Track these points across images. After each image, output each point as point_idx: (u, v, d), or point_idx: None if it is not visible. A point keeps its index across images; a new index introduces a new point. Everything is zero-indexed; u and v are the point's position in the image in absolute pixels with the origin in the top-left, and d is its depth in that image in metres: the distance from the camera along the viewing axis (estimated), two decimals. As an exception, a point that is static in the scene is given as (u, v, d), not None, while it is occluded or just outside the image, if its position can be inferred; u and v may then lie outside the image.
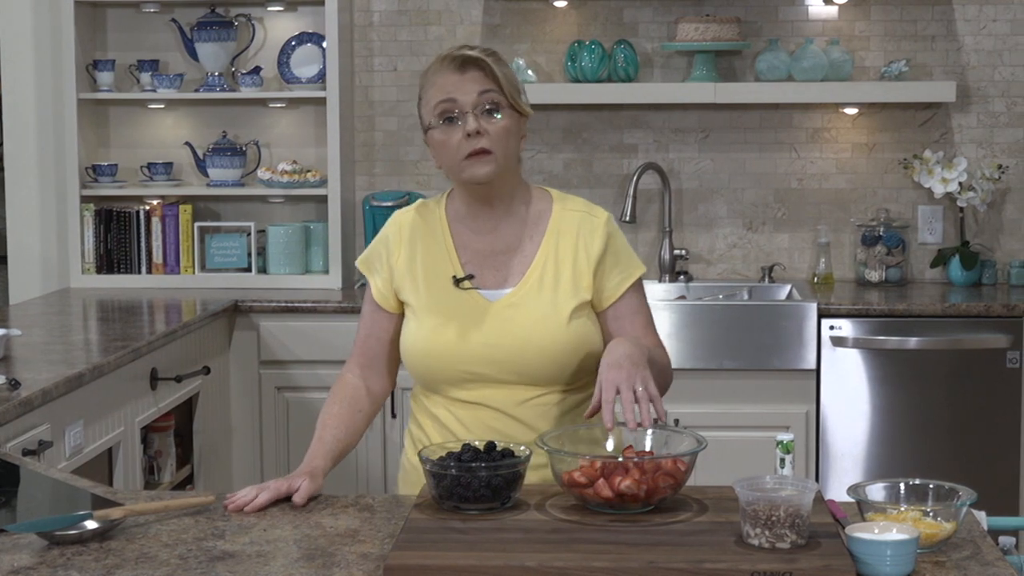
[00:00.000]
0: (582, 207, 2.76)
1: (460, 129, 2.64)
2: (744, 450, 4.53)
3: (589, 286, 2.70)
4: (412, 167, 5.40)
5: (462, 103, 2.63)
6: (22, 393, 3.24)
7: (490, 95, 2.64)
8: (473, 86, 2.63)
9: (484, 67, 2.64)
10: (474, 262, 2.72)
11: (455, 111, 2.64)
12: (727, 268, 5.36)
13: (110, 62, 5.25)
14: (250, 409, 4.88)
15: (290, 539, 2.30)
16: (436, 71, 2.67)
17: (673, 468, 2.34)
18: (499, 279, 2.71)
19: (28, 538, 2.28)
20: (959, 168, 5.11)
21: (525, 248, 2.72)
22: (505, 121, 2.65)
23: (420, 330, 2.68)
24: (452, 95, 2.64)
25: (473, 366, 2.64)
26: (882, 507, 2.24)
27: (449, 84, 2.64)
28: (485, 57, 2.65)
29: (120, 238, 5.24)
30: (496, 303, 2.67)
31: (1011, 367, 4.67)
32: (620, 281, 2.72)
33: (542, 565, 2.08)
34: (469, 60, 2.64)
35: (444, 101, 2.64)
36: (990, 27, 5.22)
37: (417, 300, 2.70)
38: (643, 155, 5.33)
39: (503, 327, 2.65)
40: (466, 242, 2.73)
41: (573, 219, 2.73)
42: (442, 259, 2.72)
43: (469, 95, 2.63)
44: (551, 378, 2.66)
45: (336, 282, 5.16)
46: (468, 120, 2.63)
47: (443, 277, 2.70)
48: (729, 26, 5.12)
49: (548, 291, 2.68)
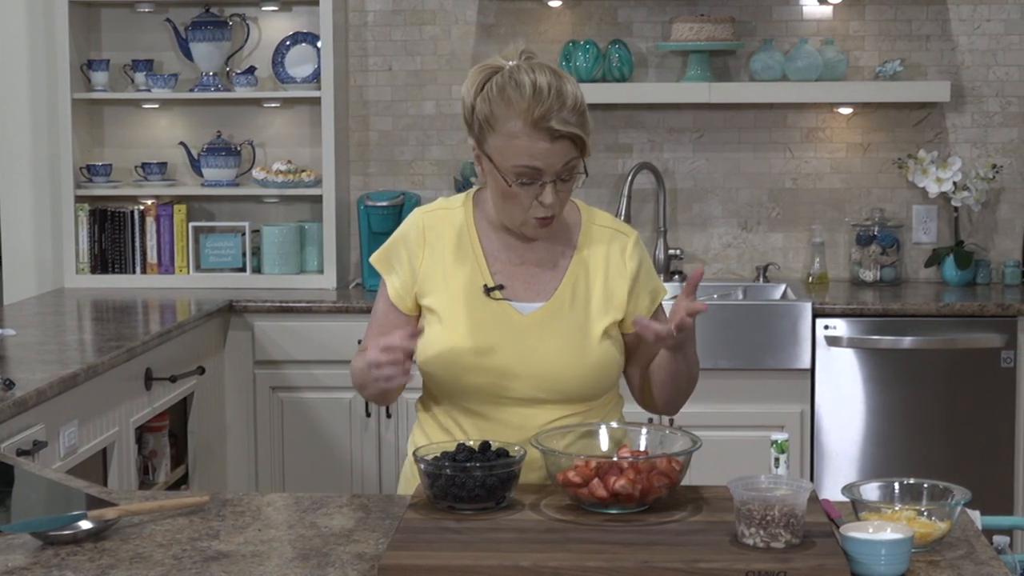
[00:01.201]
0: (611, 223, 2.72)
1: (534, 191, 2.55)
2: (739, 450, 4.54)
3: (622, 305, 2.66)
4: (407, 167, 5.40)
5: (545, 172, 2.52)
6: (16, 393, 3.23)
7: (573, 163, 2.55)
8: (561, 158, 2.52)
9: (576, 139, 2.52)
10: (504, 272, 2.65)
11: (535, 178, 2.54)
12: (722, 268, 5.37)
13: (104, 62, 5.25)
14: (245, 409, 4.88)
15: (285, 539, 2.30)
16: (526, 132, 2.51)
17: (668, 468, 2.34)
18: (531, 292, 2.64)
19: (22, 538, 2.28)
20: (953, 168, 5.12)
21: (556, 262, 2.67)
22: (574, 182, 2.59)
23: (446, 337, 2.61)
24: (537, 165, 2.52)
25: (499, 378, 2.58)
26: (876, 506, 2.24)
27: (537, 153, 2.51)
28: (580, 131, 2.52)
29: (114, 238, 5.24)
30: (528, 316, 2.62)
31: (1005, 367, 4.67)
32: (651, 302, 2.70)
33: (536, 565, 2.08)
34: (565, 135, 2.50)
35: (527, 167, 2.52)
36: (984, 27, 5.23)
37: (443, 306, 2.63)
38: (638, 155, 5.33)
39: (535, 342, 2.59)
40: (496, 251, 2.67)
41: (603, 235, 2.69)
42: (470, 266, 2.64)
43: (554, 166, 2.52)
44: (576, 396, 2.62)
45: (331, 282, 5.16)
46: (547, 193, 2.54)
47: (472, 285, 2.63)
48: (723, 26, 5.12)
49: (580, 308, 2.63)
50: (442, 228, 2.68)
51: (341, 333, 4.69)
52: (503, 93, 2.52)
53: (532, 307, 2.63)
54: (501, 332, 2.60)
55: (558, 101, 2.50)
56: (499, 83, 2.53)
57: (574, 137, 2.52)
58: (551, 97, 2.49)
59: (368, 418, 4.82)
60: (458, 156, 5.36)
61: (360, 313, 4.72)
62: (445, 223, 2.68)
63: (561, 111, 2.50)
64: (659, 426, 2.57)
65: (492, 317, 2.61)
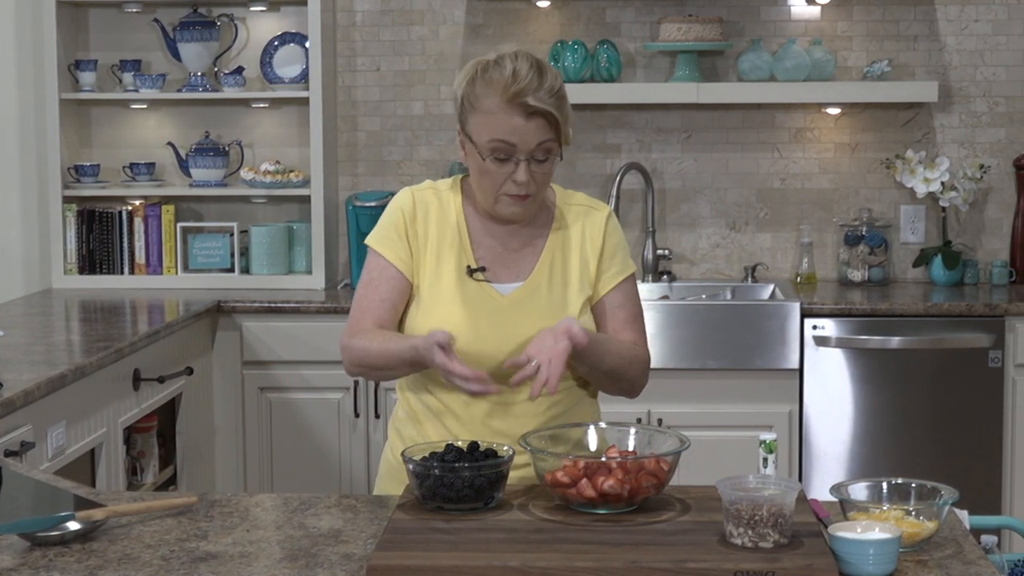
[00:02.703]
0: (584, 201, 2.80)
1: (509, 169, 2.62)
2: (727, 450, 4.54)
3: (593, 277, 2.73)
4: (395, 167, 5.40)
5: (519, 148, 2.61)
6: (4, 394, 3.23)
7: (548, 144, 2.63)
8: (535, 136, 2.60)
9: (550, 118, 2.61)
10: (487, 256, 2.72)
11: (510, 154, 2.61)
12: (710, 268, 5.37)
13: (92, 62, 5.24)
14: (233, 409, 4.88)
15: (273, 540, 2.30)
16: (502, 108, 2.60)
17: (656, 468, 2.34)
18: (511, 274, 2.72)
19: (10, 539, 2.27)
20: (941, 168, 5.13)
21: (534, 243, 2.74)
22: (551, 165, 2.65)
23: (430, 316, 2.67)
24: (511, 140, 2.60)
25: (481, 358, 2.62)
26: (864, 506, 2.25)
27: (512, 128, 2.60)
28: (554, 111, 2.60)
29: (102, 238, 5.23)
30: (507, 296, 2.68)
31: (993, 366, 4.68)
32: (613, 275, 2.75)
33: (525, 565, 2.08)
34: (539, 112, 2.59)
35: (501, 142, 2.60)
36: (972, 27, 5.24)
37: (427, 286, 2.70)
38: (626, 155, 5.33)
39: (514, 321, 2.64)
40: (480, 235, 2.74)
41: (577, 213, 2.77)
42: (455, 248, 2.71)
43: (528, 143, 2.60)
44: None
45: (319, 282, 5.15)
46: (520, 170, 2.61)
47: (455, 264, 2.70)
48: (712, 26, 5.12)
49: (558, 286, 2.70)
50: (432, 206, 2.75)
51: (329, 333, 4.69)
52: (486, 74, 2.63)
53: (511, 287, 2.70)
54: (482, 312, 2.66)
55: (536, 82, 2.60)
56: (484, 67, 2.65)
57: (548, 116, 2.60)
58: (528, 77, 2.60)
59: (357, 419, 4.82)
60: (446, 156, 5.36)
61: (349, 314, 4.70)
62: (435, 202, 2.75)
63: (538, 91, 2.59)
64: (647, 426, 2.57)
65: (474, 298, 2.68)
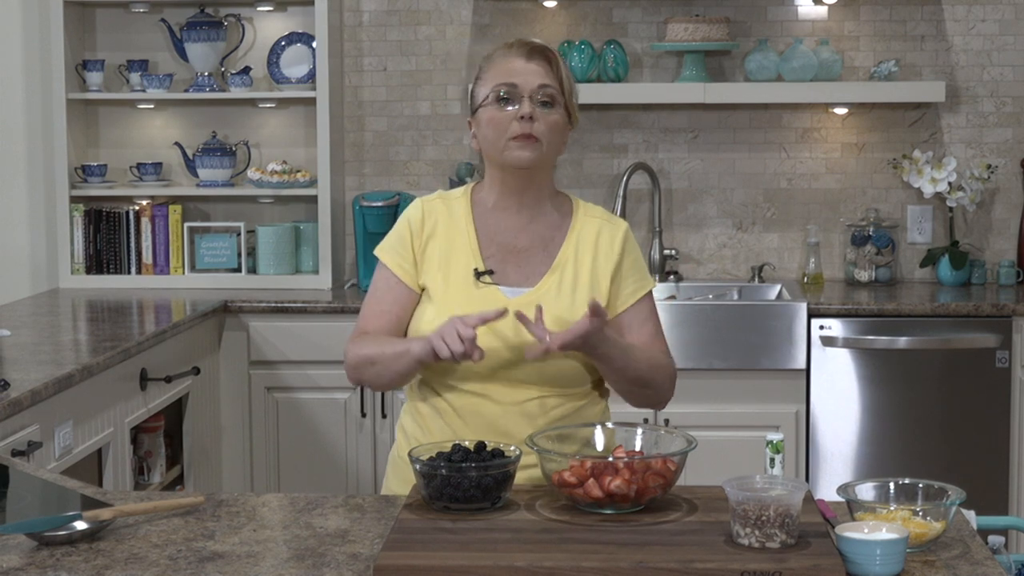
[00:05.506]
0: (602, 215, 2.83)
1: (513, 111, 2.69)
2: (734, 450, 4.54)
3: (606, 293, 2.73)
4: (402, 167, 5.40)
5: (521, 88, 2.69)
6: (11, 394, 3.23)
7: (549, 89, 2.71)
8: (536, 76, 2.70)
9: (551, 60, 2.72)
10: (496, 257, 2.74)
11: (513, 94, 2.69)
12: (717, 268, 5.37)
13: (99, 62, 5.24)
14: (240, 409, 4.88)
15: (280, 539, 2.30)
16: (503, 55, 2.74)
17: (663, 468, 2.34)
18: (519, 277, 2.73)
19: (17, 539, 2.27)
20: (948, 168, 5.12)
21: (547, 249, 2.76)
22: (557, 116, 2.72)
23: (437, 319, 2.67)
24: (513, 80, 2.70)
25: (485, 361, 2.62)
26: (871, 506, 2.24)
27: (513, 68, 2.71)
28: (552, 51, 2.73)
29: (109, 238, 5.24)
30: (514, 300, 2.68)
31: (1000, 367, 4.68)
32: (634, 290, 2.77)
33: (532, 565, 2.08)
34: (537, 50, 2.71)
35: (504, 84, 2.70)
36: (979, 27, 5.23)
37: (436, 288, 2.72)
38: (633, 155, 5.33)
39: (519, 325, 2.63)
40: (490, 236, 2.76)
41: (593, 225, 2.79)
42: (464, 251, 2.74)
43: (530, 83, 2.70)
44: (557, 381, 2.68)
45: (326, 282, 5.16)
46: (524, 104, 2.69)
47: (464, 269, 2.72)
48: (718, 26, 5.12)
49: (566, 294, 2.71)
50: (442, 213, 2.79)
51: (336, 334, 4.69)
52: (497, 50, 2.78)
53: (519, 291, 2.72)
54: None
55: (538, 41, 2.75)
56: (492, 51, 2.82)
57: (548, 56, 2.71)
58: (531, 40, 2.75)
59: (363, 418, 4.82)
60: (453, 156, 5.36)
61: (355, 314, 4.68)
62: (445, 209, 2.79)
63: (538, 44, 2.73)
64: (654, 426, 2.58)
65: (480, 301, 2.68)
